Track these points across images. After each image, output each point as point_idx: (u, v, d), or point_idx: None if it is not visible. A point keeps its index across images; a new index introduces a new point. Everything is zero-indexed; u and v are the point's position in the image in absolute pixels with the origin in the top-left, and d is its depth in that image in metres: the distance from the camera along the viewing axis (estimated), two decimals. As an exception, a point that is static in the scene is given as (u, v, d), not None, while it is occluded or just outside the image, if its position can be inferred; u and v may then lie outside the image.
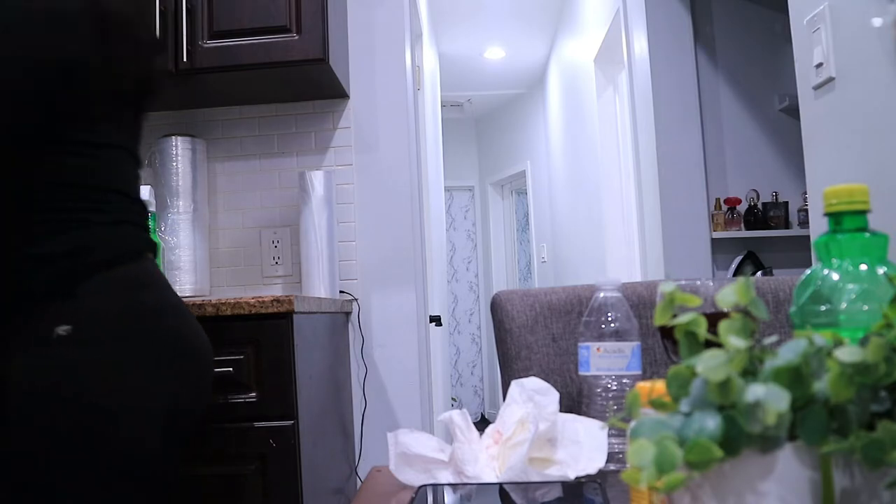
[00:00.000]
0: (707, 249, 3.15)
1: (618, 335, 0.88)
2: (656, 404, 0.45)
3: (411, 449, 0.81)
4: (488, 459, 0.79)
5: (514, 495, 0.72)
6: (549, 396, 0.84)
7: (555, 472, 0.75)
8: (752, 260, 3.17)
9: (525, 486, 0.72)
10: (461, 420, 0.83)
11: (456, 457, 0.79)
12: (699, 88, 3.17)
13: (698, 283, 0.80)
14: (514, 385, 0.86)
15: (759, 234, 3.18)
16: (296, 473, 1.56)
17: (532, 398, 0.84)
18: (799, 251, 3.07)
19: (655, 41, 3.13)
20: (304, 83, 2.16)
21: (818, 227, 1.64)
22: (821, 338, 0.42)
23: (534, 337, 1.22)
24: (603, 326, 0.89)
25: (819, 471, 0.39)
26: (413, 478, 0.79)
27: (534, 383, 0.85)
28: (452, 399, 6.56)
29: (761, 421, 0.38)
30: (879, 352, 0.40)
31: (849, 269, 0.59)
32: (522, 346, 1.22)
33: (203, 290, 2.22)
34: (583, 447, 0.76)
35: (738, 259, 3.17)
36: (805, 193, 2.82)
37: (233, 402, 1.56)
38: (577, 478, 0.74)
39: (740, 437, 0.39)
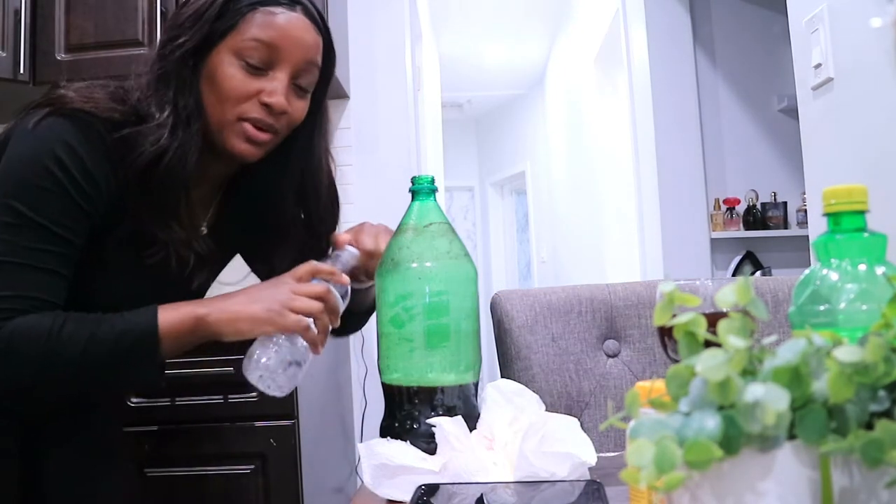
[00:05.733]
0: (706, 249, 3.16)
1: None
2: (656, 404, 0.45)
3: (393, 460, 0.74)
4: (496, 467, 0.75)
5: (513, 495, 0.71)
6: (527, 397, 0.83)
7: (566, 466, 0.73)
8: (751, 260, 3.17)
9: (524, 486, 0.72)
10: (455, 427, 0.77)
11: (458, 467, 0.73)
12: (698, 89, 3.17)
13: (697, 283, 0.80)
14: (491, 388, 0.84)
15: (757, 234, 3.18)
16: (296, 473, 1.56)
17: (511, 400, 0.82)
18: (798, 251, 3.08)
19: (655, 42, 3.14)
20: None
21: (817, 227, 1.64)
22: (820, 338, 0.42)
23: (533, 337, 1.22)
24: None
25: (818, 470, 0.40)
26: (394, 492, 0.73)
27: (510, 386, 0.84)
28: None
29: (760, 420, 0.38)
30: (878, 351, 0.40)
31: (847, 268, 0.59)
32: (522, 346, 1.22)
33: (203, 291, 2.21)
34: (568, 444, 0.75)
35: (736, 259, 3.17)
36: (804, 193, 2.82)
37: (233, 401, 1.56)
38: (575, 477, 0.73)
39: (739, 436, 0.39)
